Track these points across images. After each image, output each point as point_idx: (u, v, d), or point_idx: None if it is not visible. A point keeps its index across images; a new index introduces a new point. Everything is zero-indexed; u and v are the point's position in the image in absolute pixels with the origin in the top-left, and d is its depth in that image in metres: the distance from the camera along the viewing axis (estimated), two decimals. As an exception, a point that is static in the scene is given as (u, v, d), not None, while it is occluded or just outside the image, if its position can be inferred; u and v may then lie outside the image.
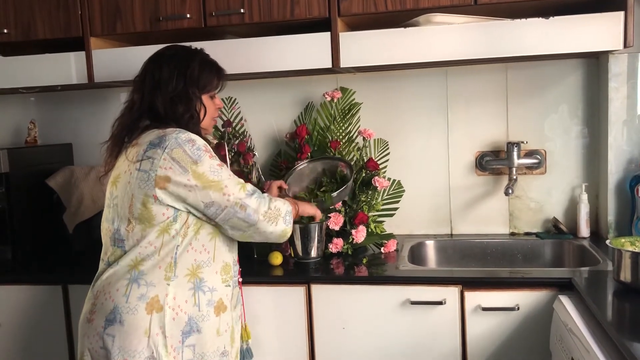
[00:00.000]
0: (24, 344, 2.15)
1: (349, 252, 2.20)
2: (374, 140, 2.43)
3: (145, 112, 1.64)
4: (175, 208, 1.56)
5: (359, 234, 2.20)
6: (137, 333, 1.52)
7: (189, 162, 1.54)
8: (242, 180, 1.63)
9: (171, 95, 1.64)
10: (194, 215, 1.59)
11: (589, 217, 2.29)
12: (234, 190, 1.58)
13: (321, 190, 2.17)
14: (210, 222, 1.61)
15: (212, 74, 1.74)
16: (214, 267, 1.63)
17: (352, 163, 2.32)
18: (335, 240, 2.18)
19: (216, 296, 1.62)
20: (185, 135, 1.57)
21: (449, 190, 2.45)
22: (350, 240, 2.20)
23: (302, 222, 2.07)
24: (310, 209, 1.89)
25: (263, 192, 1.73)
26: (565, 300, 1.70)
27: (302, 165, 2.26)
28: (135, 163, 1.56)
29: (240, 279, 1.79)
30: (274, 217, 1.64)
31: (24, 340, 2.15)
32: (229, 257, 1.69)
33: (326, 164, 2.26)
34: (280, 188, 2.03)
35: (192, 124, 1.65)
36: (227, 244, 1.68)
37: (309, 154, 2.33)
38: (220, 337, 1.64)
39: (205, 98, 1.71)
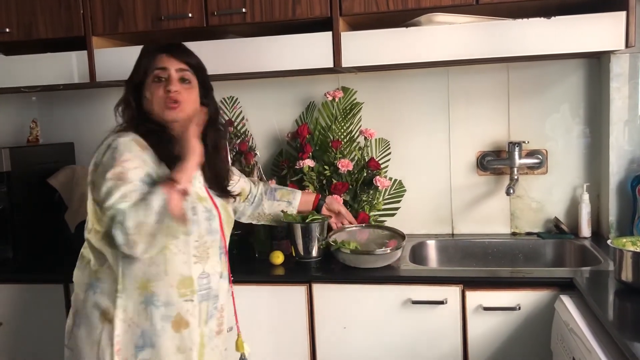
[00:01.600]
0: (25, 343, 2.15)
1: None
2: (376, 139, 2.43)
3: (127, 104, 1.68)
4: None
5: (360, 234, 2.20)
6: (90, 340, 1.54)
7: (100, 166, 1.51)
8: (131, 200, 1.45)
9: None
10: None
11: (591, 217, 2.29)
12: (115, 205, 1.44)
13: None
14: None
15: (143, 59, 1.67)
16: (167, 281, 1.55)
17: (354, 163, 2.32)
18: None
19: (172, 311, 1.55)
20: (111, 139, 1.54)
21: (450, 190, 2.45)
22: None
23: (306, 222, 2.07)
24: (185, 173, 1.49)
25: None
26: (566, 300, 1.70)
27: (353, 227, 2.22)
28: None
29: (232, 289, 1.75)
30: (144, 215, 1.43)
31: (25, 339, 2.15)
32: (189, 270, 1.57)
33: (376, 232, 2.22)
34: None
35: (126, 115, 1.64)
36: (183, 257, 1.57)
37: (310, 153, 2.33)
38: (182, 354, 1.57)
39: (147, 83, 1.63)
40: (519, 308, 1.81)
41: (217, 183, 1.74)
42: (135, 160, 1.51)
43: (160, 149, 1.58)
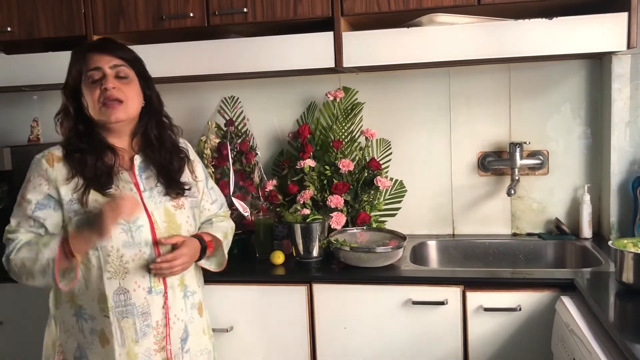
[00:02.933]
0: (25, 343, 2.15)
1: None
2: (377, 140, 2.43)
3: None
4: None
5: (361, 234, 2.20)
6: (48, 343, 1.64)
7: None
8: (16, 222, 1.56)
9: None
10: None
11: (592, 218, 2.29)
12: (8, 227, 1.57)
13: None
14: None
15: (73, 59, 1.59)
16: (89, 295, 1.52)
17: (355, 163, 2.32)
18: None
19: (97, 325, 1.53)
20: (38, 156, 1.59)
21: (451, 191, 2.45)
22: (352, 240, 2.20)
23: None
24: (80, 245, 1.47)
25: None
26: (567, 301, 1.70)
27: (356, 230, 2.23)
28: None
29: (168, 308, 1.57)
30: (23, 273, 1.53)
31: (25, 338, 2.16)
32: (105, 286, 1.50)
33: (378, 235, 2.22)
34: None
35: (64, 126, 1.61)
36: (97, 272, 1.50)
37: (311, 152, 2.33)
38: None
39: (70, 95, 1.58)
40: (520, 309, 1.81)
41: (165, 175, 1.63)
42: (35, 184, 1.55)
43: (83, 172, 1.53)
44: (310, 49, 2.09)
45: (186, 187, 1.66)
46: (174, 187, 1.63)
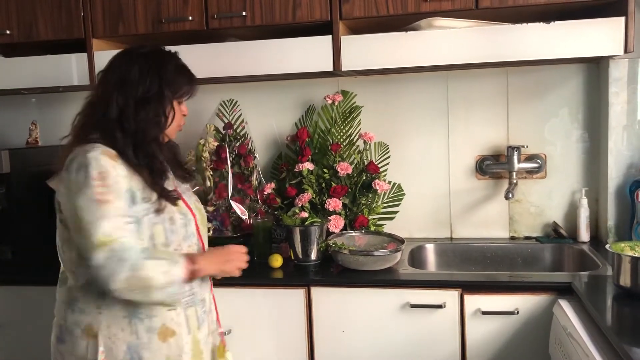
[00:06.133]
0: (24, 345, 2.15)
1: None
2: (375, 143, 2.43)
3: (104, 109, 1.52)
4: None
5: (359, 237, 2.20)
6: (77, 356, 1.51)
7: (73, 188, 1.43)
8: (116, 235, 1.39)
9: (141, 96, 1.52)
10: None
11: (589, 221, 2.29)
12: (94, 239, 1.38)
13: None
14: None
15: (186, 79, 1.62)
16: None
17: (353, 166, 2.32)
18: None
19: (157, 322, 1.51)
20: (83, 159, 1.43)
21: (449, 194, 2.46)
22: (351, 243, 2.20)
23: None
24: (211, 268, 1.57)
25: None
26: (564, 304, 1.71)
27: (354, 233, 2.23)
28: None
29: (213, 294, 1.69)
30: (142, 287, 1.41)
31: (24, 341, 2.15)
32: None
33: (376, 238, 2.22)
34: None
35: (154, 129, 1.54)
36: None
37: (310, 156, 2.34)
38: None
39: (175, 103, 1.60)
40: (518, 312, 1.82)
41: (176, 163, 1.69)
42: (117, 179, 1.45)
43: (152, 177, 1.52)
44: (308, 53, 2.10)
45: (190, 172, 1.77)
46: (183, 172, 1.71)
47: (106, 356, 1.49)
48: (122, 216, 1.43)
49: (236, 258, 1.62)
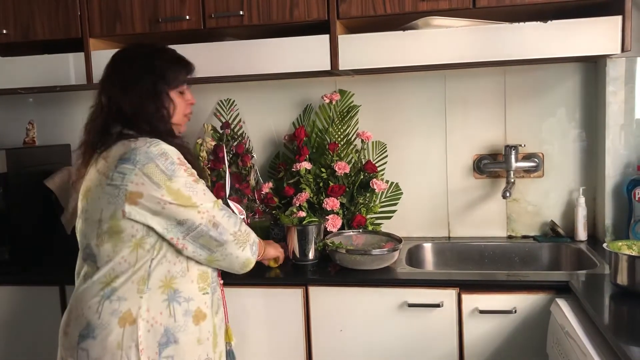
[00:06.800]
0: (21, 345, 2.15)
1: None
2: (372, 142, 2.43)
3: (114, 114, 1.59)
4: (143, 224, 1.52)
5: (357, 236, 2.20)
6: (110, 347, 1.49)
7: (163, 178, 1.50)
8: (214, 198, 1.61)
9: (139, 94, 1.59)
10: (156, 233, 1.53)
11: (587, 220, 2.30)
12: (208, 207, 1.56)
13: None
14: (172, 244, 1.55)
15: (180, 68, 1.68)
16: (189, 277, 1.59)
17: (351, 165, 2.32)
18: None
19: (193, 306, 1.58)
20: (157, 148, 1.52)
21: (446, 193, 2.46)
22: (348, 242, 2.20)
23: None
24: (273, 252, 1.91)
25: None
26: (562, 303, 1.71)
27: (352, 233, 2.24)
28: (106, 178, 1.52)
29: (222, 281, 1.76)
30: (243, 241, 1.63)
31: (21, 341, 2.15)
32: (205, 265, 1.65)
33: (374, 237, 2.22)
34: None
35: (162, 123, 1.61)
36: None
37: (307, 155, 2.34)
38: (201, 346, 1.60)
39: (174, 94, 1.65)
40: (515, 311, 1.82)
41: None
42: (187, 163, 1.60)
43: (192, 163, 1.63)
44: (306, 52, 2.10)
45: None
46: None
47: (144, 340, 1.51)
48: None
49: (282, 252, 1.96)
